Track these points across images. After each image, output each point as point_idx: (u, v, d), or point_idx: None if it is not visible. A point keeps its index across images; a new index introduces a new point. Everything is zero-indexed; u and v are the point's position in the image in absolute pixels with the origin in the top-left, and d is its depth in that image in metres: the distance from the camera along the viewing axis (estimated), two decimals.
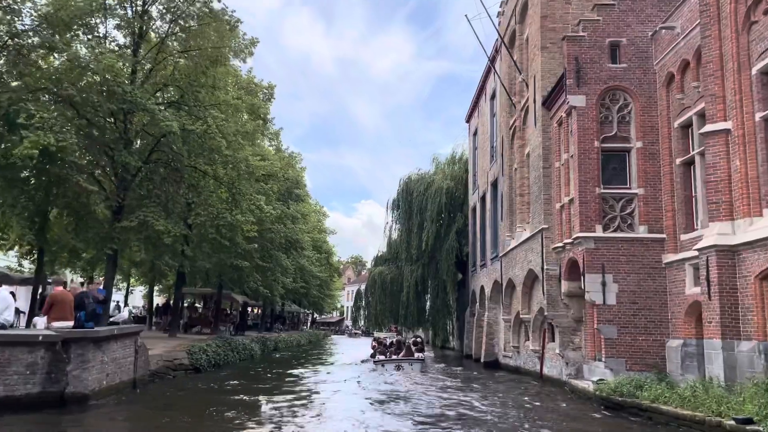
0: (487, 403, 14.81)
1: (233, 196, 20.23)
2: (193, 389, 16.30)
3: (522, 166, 22.63)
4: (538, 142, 19.79)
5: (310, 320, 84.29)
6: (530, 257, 20.62)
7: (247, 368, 24.02)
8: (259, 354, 30.62)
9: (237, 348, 26.43)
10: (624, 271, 15.81)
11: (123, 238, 18.97)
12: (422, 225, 37.64)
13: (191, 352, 21.23)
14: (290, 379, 20.07)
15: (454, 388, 18.25)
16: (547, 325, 20.61)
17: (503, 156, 25.77)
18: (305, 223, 30.79)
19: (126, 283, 47.27)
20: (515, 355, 24.93)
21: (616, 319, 15.60)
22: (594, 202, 16.14)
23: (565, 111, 17.60)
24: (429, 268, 37.79)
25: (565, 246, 17.53)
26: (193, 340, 24.98)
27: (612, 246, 15.94)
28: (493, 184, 28.92)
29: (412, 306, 37.41)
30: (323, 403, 14.54)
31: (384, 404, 14.59)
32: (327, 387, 18.24)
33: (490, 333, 28.58)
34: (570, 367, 17.88)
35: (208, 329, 33.09)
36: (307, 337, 55.10)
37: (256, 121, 26.18)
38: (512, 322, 24.85)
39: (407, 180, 39.41)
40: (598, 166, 16.37)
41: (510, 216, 24.45)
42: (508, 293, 25.23)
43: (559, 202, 18.29)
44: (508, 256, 24.36)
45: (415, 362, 23.62)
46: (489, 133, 30.30)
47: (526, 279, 21.40)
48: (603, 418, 12.73)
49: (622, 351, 15.44)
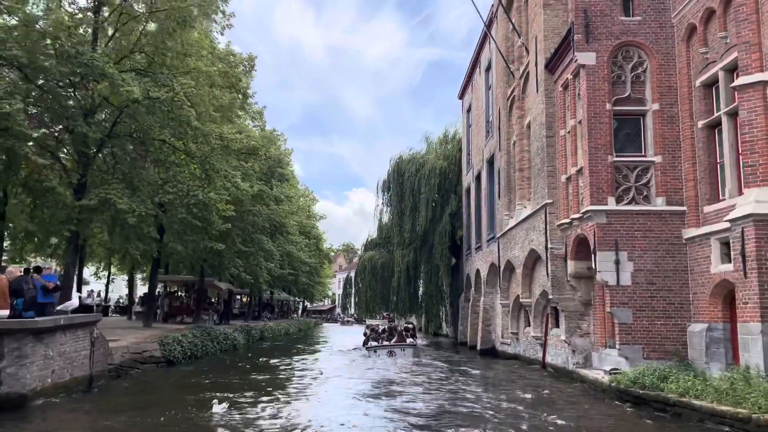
0: (490, 397, 13.17)
1: (206, 173, 18.38)
2: (160, 385, 14.55)
3: (521, 138, 20.89)
4: (541, 110, 18.03)
5: (300, 308, 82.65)
6: (532, 236, 18.94)
7: (226, 360, 22.29)
8: (243, 344, 28.88)
9: (217, 338, 24.67)
10: (640, 248, 14.15)
11: (84, 219, 17.14)
12: (414, 207, 35.90)
13: (164, 344, 19.47)
14: (268, 371, 18.35)
15: (453, 378, 16.62)
16: (550, 310, 18.99)
17: (500, 130, 24.01)
18: (290, 205, 28.93)
19: (107, 272, 45.52)
20: (514, 342, 23.35)
21: (631, 302, 13.95)
22: (606, 172, 14.43)
23: (571, 72, 15.83)
24: (421, 253, 36.10)
25: (572, 222, 15.84)
26: (170, 330, 23.23)
27: (626, 220, 14.26)
28: (488, 161, 27.18)
29: (403, 292, 35.74)
30: (297, 400, 12.82)
31: (376, 399, 12.92)
32: (307, 380, 16.55)
33: (487, 319, 26.99)
34: (577, 355, 16.26)
35: (190, 318, 31.50)
36: (296, 326, 53.36)
37: (234, 94, 24.28)
38: (511, 307, 23.24)
39: (398, 160, 37.59)
40: (610, 132, 14.64)
41: (508, 193, 22.74)
42: (506, 276, 23.58)
43: (565, 174, 16.58)
44: (507, 236, 22.69)
45: (407, 348, 23.61)
46: (484, 108, 28.51)
47: (526, 260, 19.73)
48: (623, 415, 11.09)
49: (638, 337, 13.82)
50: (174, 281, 34.68)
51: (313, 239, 54.60)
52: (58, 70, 15.42)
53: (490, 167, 27.19)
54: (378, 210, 39.55)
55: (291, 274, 45.12)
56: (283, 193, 28.64)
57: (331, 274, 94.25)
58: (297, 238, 43.59)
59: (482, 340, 26.87)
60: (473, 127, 31.52)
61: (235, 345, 26.96)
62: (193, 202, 17.35)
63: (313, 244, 54.43)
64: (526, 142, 20.72)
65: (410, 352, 23.42)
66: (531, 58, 19.27)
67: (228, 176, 19.21)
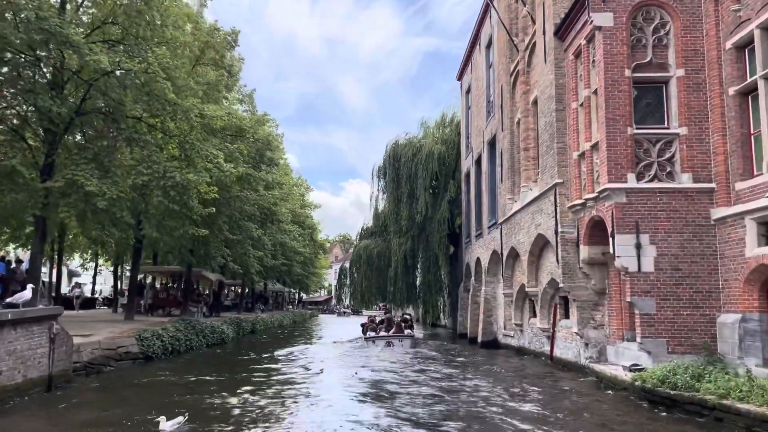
0: (499, 397, 11.76)
1: (185, 153, 16.83)
2: (130, 386, 13.09)
3: (526, 115, 19.38)
4: (549, 81, 16.51)
5: (296, 300, 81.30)
6: (539, 220, 17.49)
7: (212, 355, 20.86)
8: (232, 337, 27.48)
9: (203, 331, 23.25)
10: (663, 229, 12.70)
11: (51, 202, 15.61)
12: (411, 194, 34.39)
13: (142, 338, 18.03)
14: (254, 368, 16.91)
15: (456, 375, 15.21)
16: (558, 300, 17.59)
17: (502, 109, 22.50)
18: (280, 191, 27.34)
19: (94, 263, 43.96)
20: (518, 334, 21.97)
21: (654, 290, 12.51)
22: (625, 146, 12.94)
23: (585, 36, 14.31)
24: (419, 241, 34.64)
25: (586, 203, 14.38)
26: (153, 323, 21.82)
27: (648, 199, 12.80)
28: (490, 143, 25.68)
29: (400, 282, 34.27)
30: (279, 404, 11.37)
31: (373, 402, 11.50)
32: (296, 376, 15.11)
33: (488, 310, 25.60)
34: (590, 349, 14.86)
35: (178, 311, 30.09)
36: (291, 318, 52.02)
37: (220, 71, 22.71)
38: (514, 297, 21.84)
39: (394, 145, 36.00)
40: (629, 101, 13.14)
41: (512, 176, 21.26)
42: (509, 264, 22.16)
43: (577, 150, 15.09)
44: (510, 221, 21.23)
45: (405, 338, 23.69)
46: (484, 88, 26.97)
47: (533, 246, 18.29)
48: (654, 419, 9.68)
49: (662, 329, 12.38)
50: (160, 272, 33.17)
51: (307, 229, 53.09)
52: (16, 36, 13.83)
53: (491, 149, 25.70)
54: (374, 197, 38.04)
55: (284, 264, 43.64)
56: (272, 178, 27.07)
57: (327, 265, 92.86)
58: (290, 227, 42.07)
59: (483, 331, 25.49)
60: (473, 108, 29.98)
61: (223, 339, 25.55)
62: (170, 184, 15.80)
63: (307, 233, 52.93)
64: (532, 119, 19.23)
65: (408, 343, 23.44)
66: (538, 26, 17.73)
67: (209, 157, 17.66)
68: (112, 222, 16.25)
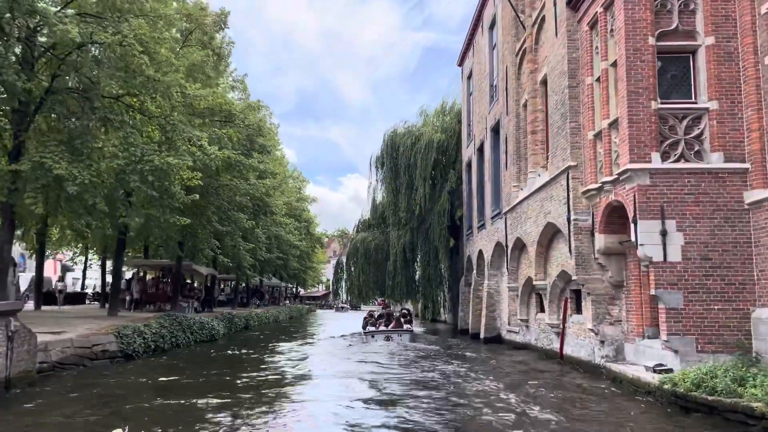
0: (509, 401, 10.50)
1: (165, 135, 15.52)
2: (98, 388, 11.80)
3: (534, 96, 18.08)
4: (561, 56, 15.20)
5: (293, 295, 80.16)
6: (549, 207, 16.21)
7: (199, 353, 19.57)
8: (223, 334, 26.20)
9: (191, 327, 21.95)
10: (692, 215, 11.43)
11: (19, 187, 14.33)
12: (410, 184, 33.09)
13: (121, 335, 16.75)
14: (242, 367, 15.64)
15: (459, 374, 13.96)
16: (569, 294, 16.33)
17: (507, 91, 21.19)
18: (273, 180, 25.95)
19: (84, 257, 42.67)
20: (523, 330, 20.73)
21: (681, 282, 11.24)
22: (649, 122, 11.65)
23: (602, 4, 13.01)
24: (418, 233, 33.35)
25: (603, 187, 13.09)
26: (138, 318, 20.57)
27: (674, 181, 11.52)
28: (493, 129, 24.38)
29: (399, 276, 32.98)
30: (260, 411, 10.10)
31: (371, 408, 10.23)
32: (285, 378, 13.85)
33: (491, 305, 24.36)
34: (606, 347, 13.61)
35: (168, 306, 28.88)
36: (287, 313, 50.81)
37: (206, 50, 21.38)
38: (520, 291, 20.59)
39: (392, 134, 34.66)
40: (653, 72, 11.83)
41: (517, 162, 19.97)
42: (514, 256, 20.90)
43: (593, 129, 13.79)
44: (516, 210, 19.95)
45: (404, 333, 23.57)
46: (488, 71, 25.64)
47: (541, 236, 17.02)
48: (691, 429, 8.42)
49: (690, 326, 11.12)
50: (149, 266, 31.83)
51: (303, 222, 51.85)
52: None
53: (494, 136, 24.40)
54: (371, 188, 36.65)
55: (279, 259, 42.42)
56: (264, 167, 25.74)
57: (325, 260, 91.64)
58: (285, 220, 40.81)
59: (486, 327, 24.27)
60: (475, 94, 28.66)
61: (213, 335, 24.27)
62: (148, 168, 14.49)
63: (303, 227, 51.69)
64: (540, 100, 17.93)
65: (407, 337, 23.31)
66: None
67: (192, 139, 16.33)
68: (86, 210, 14.94)
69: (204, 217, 23.01)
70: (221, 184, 22.42)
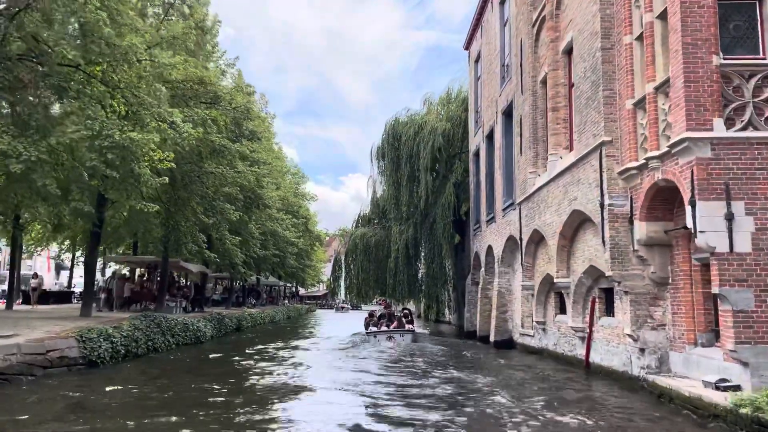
0: (536, 419, 8.34)
1: (131, 108, 13.38)
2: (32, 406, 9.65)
3: (556, 68, 15.91)
4: (592, 15, 13.02)
5: (292, 294, 78.06)
6: (575, 193, 14.03)
7: (178, 359, 17.41)
8: (211, 336, 24.07)
9: (171, 329, 19.79)
10: (764, 195, 9.25)
11: None
12: (413, 176, 30.93)
13: (84, 339, 14.62)
14: (220, 377, 13.49)
15: (472, 385, 11.81)
16: (598, 292, 14.17)
17: (522, 67, 19.04)
18: (262, 168, 23.67)
19: (71, 254, 40.63)
20: (539, 333, 18.58)
21: (752, 278, 9.06)
22: (710, 81, 9.47)
23: None
24: (422, 229, 31.16)
25: (647, 164, 10.91)
26: (113, 319, 18.52)
27: (742, 153, 9.34)
28: (505, 113, 22.21)
29: (401, 274, 30.76)
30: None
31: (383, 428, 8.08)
32: (276, 392, 11.69)
33: (502, 305, 22.20)
34: (648, 355, 11.44)
35: (153, 305, 26.85)
36: (285, 313, 48.69)
37: (188, 22, 19.26)
38: (536, 290, 18.43)
39: (394, 123, 32.46)
40: (714, 21, 9.66)
41: (534, 146, 17.81)
42: (530, 251, 18.73)
43: (632, 97, 11.61)
44: (533, 199, 17.79)
45: (405, 333, 23.15)
46: (498, 50, 23.46)
47: (565, 227, 14.85)
48: None
49: (764, 332, 8.96)
50: (132, 262, 29.74)
51: (301, 218, 49.60)
52: None
53: (506, 120, 22.23)
54: (372, 180, 34.39)
55: (275, 256, 40.19)
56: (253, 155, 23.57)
57: (325, 259, 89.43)
58: (281, 216, 38.60)
59: (496, 329, 22.11)
60: (484, 77, 26.48)
61: (198, 338, 22.12)
62: (107, 144, 12.34)
63: (301, 223, 49.45)
64: (562, 72, 15.77)
65: (409, 337, 22.94)
66: None
67: (162, 115, 14.16)
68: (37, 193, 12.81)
69: (188, 209, 20.89)
70: (205, 171, 20.28)
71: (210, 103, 20.46)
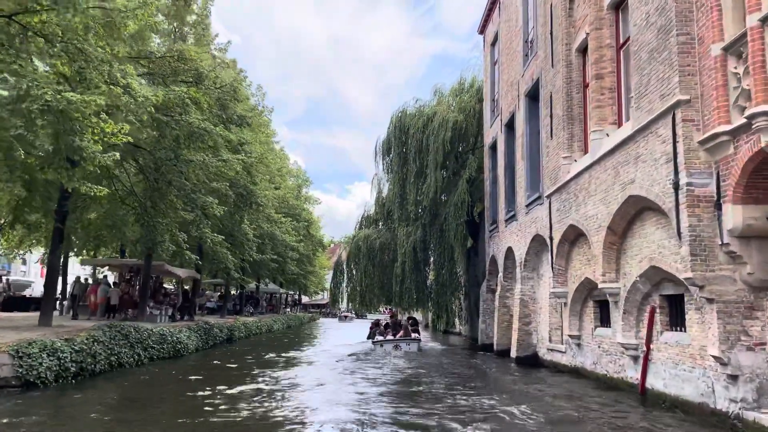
0: None
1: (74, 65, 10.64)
2: None
3: (599, 26, 13.06)
4: None
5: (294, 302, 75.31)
6: (632, 174, 11.14)
7: (145, 378, 14.51)
8: (195, 348, 21.27)
9: (143, 341, 17.01)
10: None
11: None
12: (422, 173, 28.08)
13: (21, 354, 11.89)
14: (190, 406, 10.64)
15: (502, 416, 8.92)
16: (658, 300, 11.26)
17: (553, 36, 16.26)
18: (249, 153, 20.65)
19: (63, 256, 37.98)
20: (572, 349, 15.68)
21: None
22: None
23: None
24: (431, 230, 28.25)
25: (751, 125, 8.04)
26: (75, 329, 15.85)
27: None
28: (529, 94, 19.39)
29: (409, 280, 27.79)
30: None
31: None
32: None
33: (525, 315, 19.30)
34: (742, 384, 8.52)
35: (131, 313, 24.25)
36: (284, 322, 45.84)
37: None
38: (570, 298, 15.52)
39: (401, 114, 29.63)
40: None
41: (569, 125, 14.96)
42: (562, 252, 15.84)
43: (720, 40, 8.76)
44: (568, 189, 14.92)
45: (412, 342, 23.27)
46: (520, 25, 20.67)
47: (615, 218, 11.95)
48: None
49: None
50: (111, 265, 26.99)
51: (302, 222, 46.72)
52: None
53: (531, 102, 19.41)
54: (376, 178, 31.38)
55: (274, 261, 37.31)
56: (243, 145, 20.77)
57: (329, 266, 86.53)
58: (280, 218, 35.76)
59: (519, 344, 19.21)
60: (502, 60, 23.68)
61: (178, 351, 19.32)
62: (37, 107, 9.60)
63: (302, 227, 46.57)
64: (608, 32, 12.94)
65: (415, 346, 23.08)
66: None
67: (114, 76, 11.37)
68: None
69: (165, 202, 18.15)
70: (184, 159, 17.53)
71: (192, 83, 17.81)
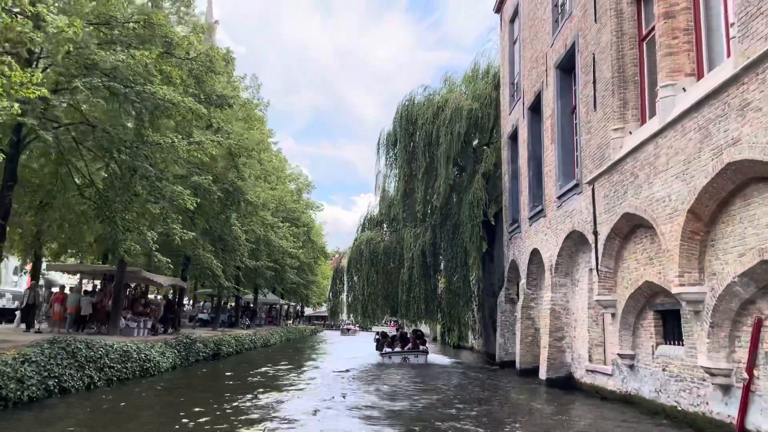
0: None
1: None
2: None
3: None
4: None
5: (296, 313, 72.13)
6: (733, 131, 7.97)
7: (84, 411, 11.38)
8: (171, 365, 18.18)
9: (97, 360, 13.91)
10: None
11: None
12: (431, 167, 25.00)
13: None
14: None
15: None
16: (766, 311, 8.12)
17: None
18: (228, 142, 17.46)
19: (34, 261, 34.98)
20: (623, 371, 12.50)
21: None
22: None
23: None
24: (442, 232, 25.08)
25: None
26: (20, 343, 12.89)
27: None
28: (561, 66, 16.33)
29: (416, 288, 24.52)
30: None
31: None
32: None
33: (556, 329, 16.15)
34: None
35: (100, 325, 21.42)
36: (283, 335, 42.65)
37: None
38: (621, 308, 12.33)
39: (408, 104, 26.57)
40: None
41: (621, 90, 11.88)
42: (611, 249, 12.68)
43: None
44: (621, 169, 11.80)
45: (420, 354, 23.43)
46: None
47: (702, 198, 8.81)
48: None
49: None
50: (82, 271, 23.95)
51: (302, 226, 43.46)
52: None
53: (563, 75, 16.36)
54: (380, 175, 28.11)
55: (270, 269, 34.09)
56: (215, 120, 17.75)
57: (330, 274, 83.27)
58: (277, 221, 32.60)
59: (549, 363, 16.03)
60: (524, 34, 20.64)
61: (147, 370, 16.21)
62: None
63: (302, 233, 43.30)
64: None
65: (423, 358, 23.23)
66: None
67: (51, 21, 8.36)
68: None
69: (129, 193, 15.16)
70: (149, 140, 14.54)
71: (163, 53, 14.90)
